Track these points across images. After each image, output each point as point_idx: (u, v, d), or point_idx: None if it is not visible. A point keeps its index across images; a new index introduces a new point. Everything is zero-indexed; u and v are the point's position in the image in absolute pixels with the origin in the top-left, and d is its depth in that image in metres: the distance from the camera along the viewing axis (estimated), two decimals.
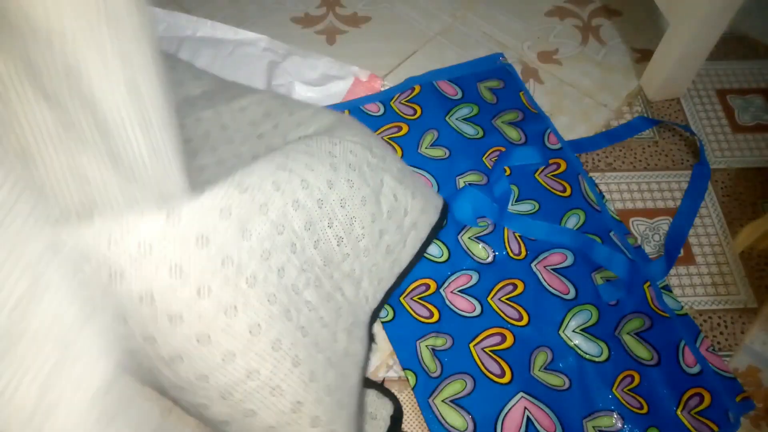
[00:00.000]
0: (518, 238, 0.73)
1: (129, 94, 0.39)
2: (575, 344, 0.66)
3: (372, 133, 0.67)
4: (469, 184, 0.77)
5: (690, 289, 0.71)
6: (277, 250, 0.50)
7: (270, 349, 0.47)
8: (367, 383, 0.62)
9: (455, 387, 0.63)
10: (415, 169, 0.78)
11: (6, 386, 0.34)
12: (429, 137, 0.81)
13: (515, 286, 0.69)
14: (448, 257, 0.71)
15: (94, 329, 0.39)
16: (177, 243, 0.42)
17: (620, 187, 0.78)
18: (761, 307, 0.69)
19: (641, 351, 0.65)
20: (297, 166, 0.54)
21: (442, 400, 0.63)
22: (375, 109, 0.84)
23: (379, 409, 0.61)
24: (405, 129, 0.82)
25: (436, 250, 0.72)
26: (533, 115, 0.83)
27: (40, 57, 0.36)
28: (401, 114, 0.83)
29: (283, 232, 0.51)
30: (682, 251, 0.73)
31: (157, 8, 0.93)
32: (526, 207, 0.75)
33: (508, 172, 0.78)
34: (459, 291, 0.69)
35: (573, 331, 0.66)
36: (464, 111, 0.83)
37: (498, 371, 0.64)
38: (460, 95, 0.85)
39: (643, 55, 0.91)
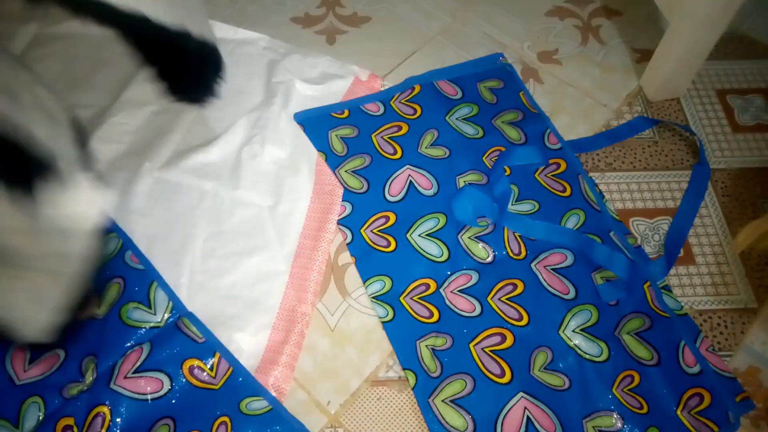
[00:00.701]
0: (518, 238, 0.73)
1: None
2: (575, 344, 0.66)
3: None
4: (469, 183, 0.76)
5: (690, 289, 0.71)
6: None
7: None
8: None
9: (455, 387, 0.63)
10: (416, 169, 0.78)
11: None
12: (429, 137, 0.81)
13: (515, 286, 0.69)
14: (448, 257, 0.71)
15: None
16: None
17: (620, 187, 0.78)
18: (761, 307, 0.69)
19: (641, 351, 0.65)
20: None
21: (442, 400, 0.63)
22: (375, 108, 0.84)
23: None
24: (405, 128, 0.82)
25: (436, 250, 0.72)
26: (533, 115, 0.83)
27: None
28: (401, 113, 0.83)
29: None
30: (682, 251, 0.73)
31: None
32: (526, 207, 0.75)
33: (508, 171, 0.78)
34: (459, 291, 0.69)
35: (573, 331, 0.66)
36: (464, 111, 0.83)
37: (498, 371, 0.64)
38: (460, 95, 0.85)
39: (643, 55, 0.91)
